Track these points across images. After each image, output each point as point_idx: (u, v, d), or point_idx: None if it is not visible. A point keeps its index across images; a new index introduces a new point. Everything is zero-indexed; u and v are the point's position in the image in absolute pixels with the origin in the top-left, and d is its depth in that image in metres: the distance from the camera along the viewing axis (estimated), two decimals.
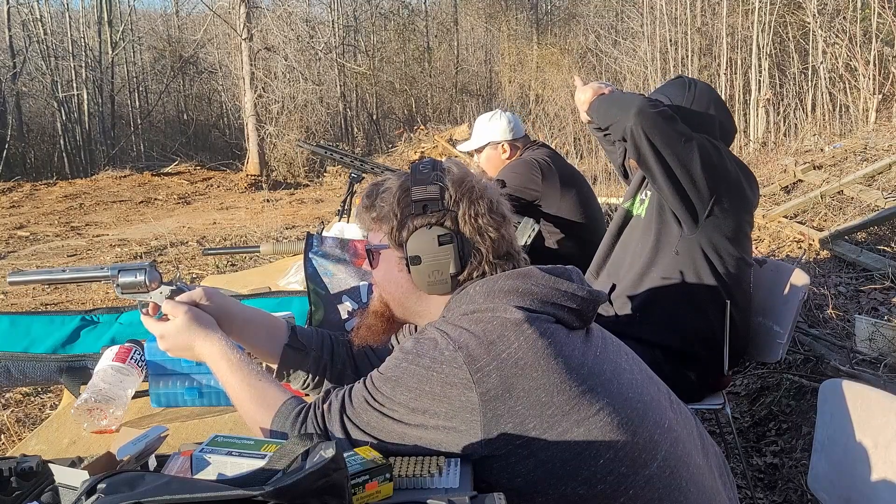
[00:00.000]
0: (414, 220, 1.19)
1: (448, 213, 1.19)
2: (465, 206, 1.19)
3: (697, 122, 2.11)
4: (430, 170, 1.22)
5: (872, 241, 4.67)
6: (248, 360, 1.25)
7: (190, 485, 0.82)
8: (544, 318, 1.12)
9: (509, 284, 1.15)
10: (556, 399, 1.07)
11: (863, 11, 9.20)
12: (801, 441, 2.79)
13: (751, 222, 2.21)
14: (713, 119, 2.16)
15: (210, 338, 1.27)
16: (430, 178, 1.20)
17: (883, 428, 1.40)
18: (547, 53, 16.58)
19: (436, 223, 1.19)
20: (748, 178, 2.16)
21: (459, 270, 1.19)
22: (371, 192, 1.27)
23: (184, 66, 17.32)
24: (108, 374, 1.51)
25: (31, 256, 7.31)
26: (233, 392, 1.23)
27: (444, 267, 1.19)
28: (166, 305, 1.31)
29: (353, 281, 1.85)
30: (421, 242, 1.19)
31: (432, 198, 1.19)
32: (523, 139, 3.16)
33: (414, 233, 1.19)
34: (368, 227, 1.29)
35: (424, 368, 1.08)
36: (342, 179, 11.32)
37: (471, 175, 1.23)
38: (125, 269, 1.35)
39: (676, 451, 1.16)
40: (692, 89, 2.19)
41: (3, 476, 0.97)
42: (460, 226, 1.19)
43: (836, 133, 8.62)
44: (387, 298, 1.30)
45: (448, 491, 1.00)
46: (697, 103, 2.16)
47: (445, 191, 1.19)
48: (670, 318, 2.09)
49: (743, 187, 2.13)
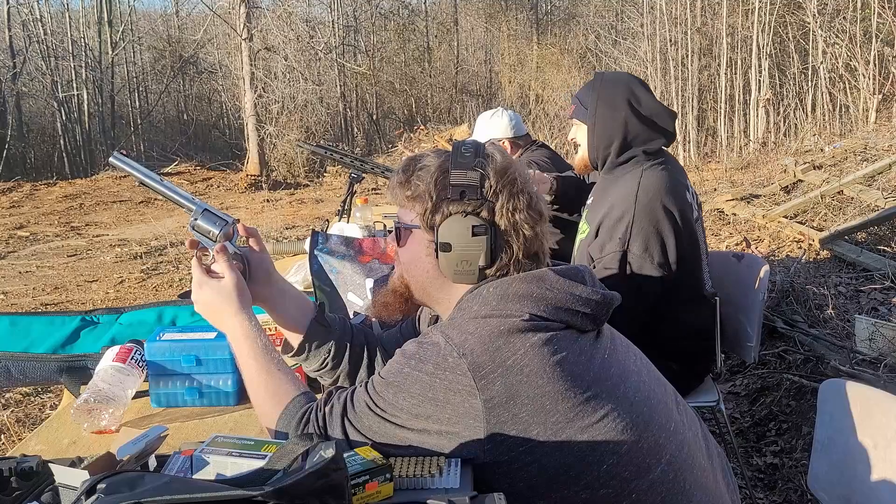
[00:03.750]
0: (449, 206, 1.15)
1: (486, 204, 1.14)
2: (504, 198, 1.14)
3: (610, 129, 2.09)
4: (473, 154, 1.16)
5: (872, 241, 4.68)
6: (271, 348, 1.24)
7: (190, 485, 0.82)
8: (554, 324, 1.11)
9: (523, 289, 1.12)
10: (560, 406, 1.06)
11: (863, 11, 9.19)
12: (801, 441, 2.79)
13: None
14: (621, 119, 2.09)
15: (242, 314, 1.26)
16: (472, 163, 1.15)
17: (883, 428, 1.40)
18: (547, 53, 16.57)
19: (472, 212, 1.15)
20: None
21: (489, 264, 1.15)
22: (408, 167, 1.21)
23: (184, 66, 17.31)
24: (109, 374, 1.51)
25: (30, 256, 7.31)
26: (248, 375, 1.23)
27: (473, 258, 1.15)
28: (220, 267, 1.28)
29: (358, 278, 1.85)
30: (454, 230, 1.15)
31: (471, 185, 1.14)
32: (524, 138, 3.17)
33: (448, 218, 1.15)
34: (401, 203, 1.23)
35: (427, 374, 1.07)
36: (342, 179, 11.31)
37: (514, 165, 1.18)
38: (209, 212, 1.35)
39: (681, 454, 1.16)
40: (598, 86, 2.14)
41: (3, 476, 0.97)
42: (496, 218, 1.15)
43: (836, 133, 8.62)
44: (408, 280, 1.26)
45: (448, 491, 1.00)
46: (604, 106, 2.10)
47: (486, 179, 1.14)
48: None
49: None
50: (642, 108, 2.09)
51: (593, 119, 2.11)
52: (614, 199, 2.06)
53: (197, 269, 1.29)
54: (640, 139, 2.08)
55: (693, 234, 2.07)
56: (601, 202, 2.13)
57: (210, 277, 1.28)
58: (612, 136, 2.09)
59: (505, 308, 1.11)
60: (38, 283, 6.21)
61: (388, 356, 1.40)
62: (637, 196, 2.01)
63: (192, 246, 1.34)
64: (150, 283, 6.07)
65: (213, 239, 1.34)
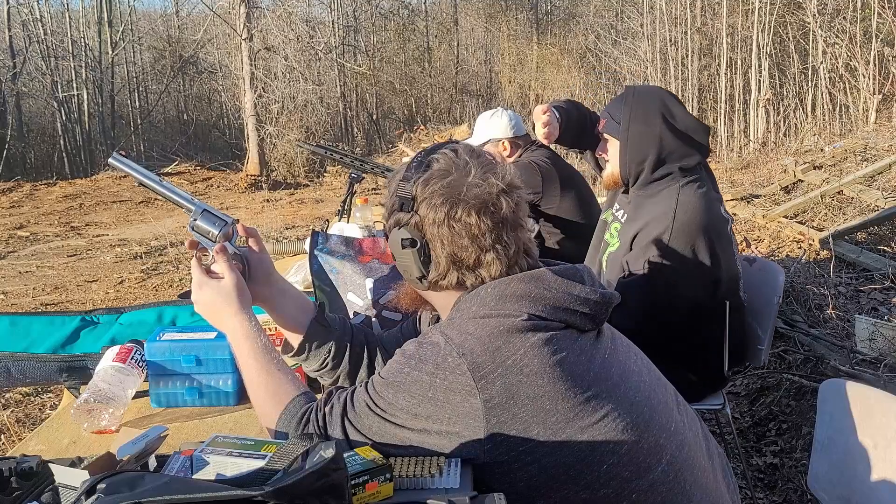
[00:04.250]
0: (392, 216, 1.18)
1: (413, 216, 1.14)
2: (425, 209, 1.13)
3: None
4: (418, 164, 1.16)
5: (872, 241, 4.68)
6: (270, 348, 1.25)
7: (190, 485, 0.82)
8: (553, 324, 1.11)
9: (522, 289, 1.12)
10: (560, 406, 1.06)
11: (863, 11, 9.19)
12: (801, 441, 2.79)
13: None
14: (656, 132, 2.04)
15: (242, 314, 1.26)
16: (413, 174, 1.15)
17: (883, 428, 1.40)
18: (547, 53, 16.57)
19: (403, 224, 1.16)
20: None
21: (423, 275, 1.16)
22: (392, 174, 1.25)
23: (184, 66, 17.31)
24: (109, 374, 1.52)
25: (30, 256, 7.31)
26: (248, 375, 1.24)
27: (410, 269, 1.17)
28: (220, 267, 1.29)
29: (358, 278, 1.85)
30: (393, 241, 1.17)
31: (405, 196, 1.15)
32: (524, 138, 3.16)
33: (392, 230, 1.18)
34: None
35: (427, 374, 1.07)
36: (342, 179, 11.32)
37: (450, 175, 1.12)
38: (209, 213, 1.36)
39: (682, 454, 1.16)
40: (629, 102, 2.08)
41: (3, 476, 0.97)
42: (425, 229, 1.14)
43: (836, 133, 8.62)
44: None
45: (448, 491, 1.00)
46: (636, 120, 2.05)
47: (415, 190, 1.14)
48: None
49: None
50: (677, 123, 2.04)
51: (626, 134, 2.05)
52: (650, 216, 2.02)
53: (197, 269, 1.29)
54: (675, 155, 2.03)
55: (728, 250, 2.05)
56: (635, 218, 2.08)
57: (210, 278, 1.29)
58: (646, 152, 2.03)
59: (503, 308, 1.11)
60: (38, 283, 6.21)
61: (388, 356, 1.40)
62: (675, 214, 1.98)
63: (191, 246, 1.34)
64: (150, 283, 6.07)
65: (213, 239, 1.34)
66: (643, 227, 2.02)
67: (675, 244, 1.97)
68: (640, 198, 2.10)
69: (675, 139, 2.03)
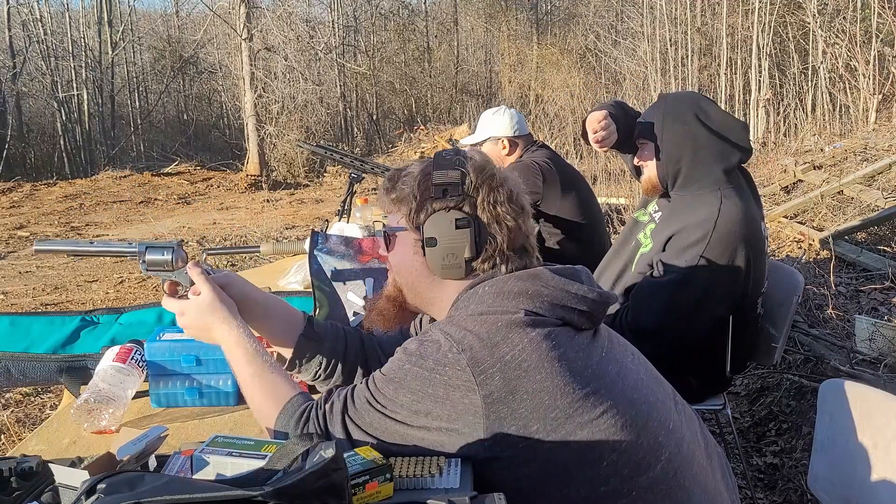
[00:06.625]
0: (433, 203, 1.19)
1: (467, 198, 1.18)
2: (484, 192, 1.18)
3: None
4: (453, 155, 1.22)
5: (872, 241, 4.68)
6: (263, 352, 1.25)
7: (190, 485, 0.82)
8: (551, 321, 1.12)
9: (519, 286, 1.14)
10: (559, 402, 1.07)
11: (863, 11, 9.19)
12: (801, 441, 2.79)
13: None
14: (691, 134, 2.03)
15: (229, 323, 1.27)
16: (452, 162, 1.20)
17: (883, 428, 1.40)
18: (547, 53, 16.57)
19: (454, 207, 1.18)
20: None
21: (475, 256, 1.18)
22: (393, 175, 1.27)
23: (184, 66, 17.31)
24: (109, 374, 1.51)
25: (31, 256, 7.31)
26: (244, 381, 1.24)
27: (459, 251, 1.18)
28: (197, 279, 1.30)
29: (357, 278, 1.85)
30: (438, 225, 1.18)
31: (452, 182, 1.18)
32: (525, 138, 3.16)
33: (432, 215, 1.19)
34: (388, 209, 1.28)
35: (427, 371, 1.08)
36: (342, 179, 11.32)
37: (492, 163, 1.23)
38: (153, 247, 1.36)
39: (681, 453, 1.16)
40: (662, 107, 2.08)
41: (3, 476, 0.97)
42: (478, 211, 1.18)
43: (836, 133, 8.61)
44: (400, 283, 1.29)
45: (448, 491, 1.00)
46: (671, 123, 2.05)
47: (466, 176, 1.19)
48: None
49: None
50: (711, 122, 2.02)
51: (660, 134, 2.04)
52: (689, 220, 2.00)
53: (171, 301, 1.32)
54: (711, 154, 2.01)
55: (760, 268, 2.04)
56: (671, 220, 2.06)
57: (186, 301, 1.30)
58: (682, 152, 2.02)
59: (501, 304, 1.12)
60: (38, 283, 6.21)
61: (387, 358, 1.40)
62: (716, 224, 1.96)
63: (171, 289, 1.35)
64: (150, 283, 6.07)
65: (172, 267, 1.34)
66: (679, 231, 2.00)
67: (710, 253, 1.95)
68: (678, 200, 2.08)
69: (711, 136, 2.01)
